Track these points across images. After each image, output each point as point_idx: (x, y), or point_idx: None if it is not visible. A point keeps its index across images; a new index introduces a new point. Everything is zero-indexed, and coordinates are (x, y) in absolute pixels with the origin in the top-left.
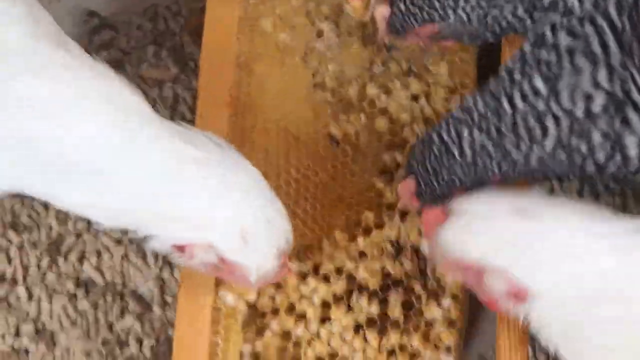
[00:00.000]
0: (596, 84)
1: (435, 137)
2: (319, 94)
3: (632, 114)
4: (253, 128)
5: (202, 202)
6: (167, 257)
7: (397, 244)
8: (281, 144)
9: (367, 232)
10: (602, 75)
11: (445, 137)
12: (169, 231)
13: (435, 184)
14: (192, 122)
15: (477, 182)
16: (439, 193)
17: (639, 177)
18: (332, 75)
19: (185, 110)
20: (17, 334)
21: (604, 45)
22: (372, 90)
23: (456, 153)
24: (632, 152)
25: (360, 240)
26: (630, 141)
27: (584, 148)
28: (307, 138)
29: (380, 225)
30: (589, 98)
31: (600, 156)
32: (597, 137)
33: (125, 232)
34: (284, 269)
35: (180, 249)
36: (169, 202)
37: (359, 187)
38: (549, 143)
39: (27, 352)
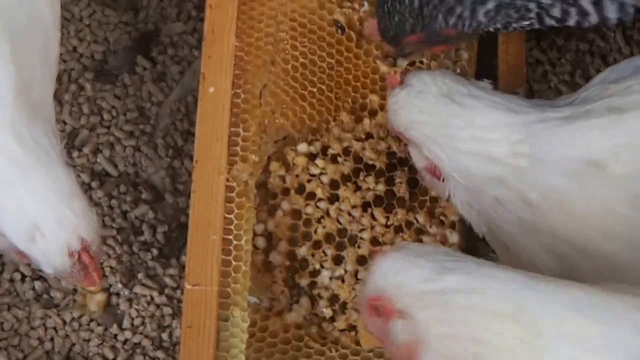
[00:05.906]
0: None
1: None
2: None
3: None
4: (261, 16)
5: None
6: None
7: None
8: (288, 32)
9: (372, 114)
10: None
11: None
12: None
13: (389, 23)
14: (200, 17)
15: (433, 34)
16: (392, 34)
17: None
18: None
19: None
20: None
21: None
22: None
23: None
24: (588, 7)
25: (366, 121)
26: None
27: (532, 6)
28: (313, 25)
29: (385, 107)
30: None
31: (556, 12)
32: None
33: (137, 123)
34: (87, 270)
35: None
36: None
37: (364, 71)
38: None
39: None
